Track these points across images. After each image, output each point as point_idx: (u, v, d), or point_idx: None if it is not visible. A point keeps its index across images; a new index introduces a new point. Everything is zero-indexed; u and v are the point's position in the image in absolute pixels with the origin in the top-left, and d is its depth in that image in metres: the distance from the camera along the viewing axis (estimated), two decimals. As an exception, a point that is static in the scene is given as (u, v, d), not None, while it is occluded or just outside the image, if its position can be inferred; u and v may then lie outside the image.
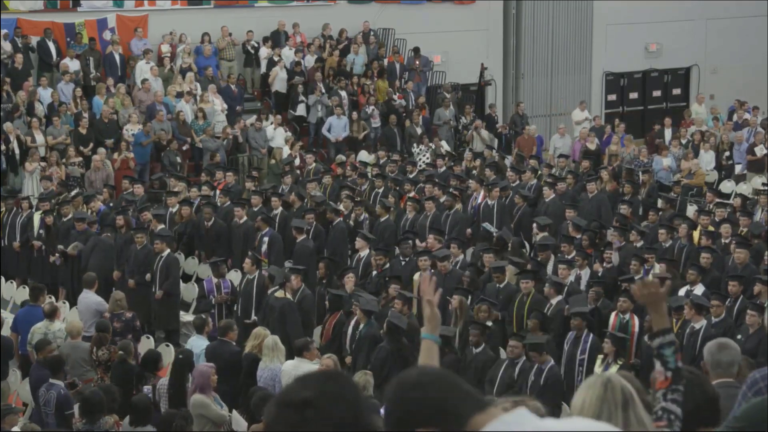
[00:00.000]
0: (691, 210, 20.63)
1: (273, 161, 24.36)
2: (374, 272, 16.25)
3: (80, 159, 22.45)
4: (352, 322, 13.95)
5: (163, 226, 17.94)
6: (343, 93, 26.31)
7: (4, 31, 24.16)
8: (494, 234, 18.58)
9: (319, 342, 14.19)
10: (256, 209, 18.78)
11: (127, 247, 17.19)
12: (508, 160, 24.58)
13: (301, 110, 26.11)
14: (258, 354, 12.59)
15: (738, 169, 24.68)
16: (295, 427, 2.64)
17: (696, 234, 17.51)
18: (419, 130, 26.03)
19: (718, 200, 20.21)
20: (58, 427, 11.16)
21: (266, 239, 17.47)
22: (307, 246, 17.31)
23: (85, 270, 16.59)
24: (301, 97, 26.03)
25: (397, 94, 27.07)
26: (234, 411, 11.17)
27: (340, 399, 2.68)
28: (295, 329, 14.02)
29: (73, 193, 20.20)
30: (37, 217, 18.79)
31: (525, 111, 28.57)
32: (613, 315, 13.84)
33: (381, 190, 20.56)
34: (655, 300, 3.86)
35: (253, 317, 15.06)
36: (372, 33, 28.25)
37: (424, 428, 2.71)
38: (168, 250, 16.59)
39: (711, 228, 17.58)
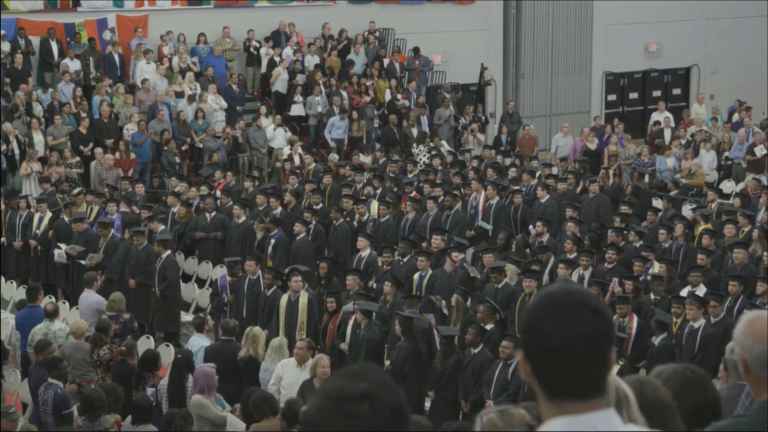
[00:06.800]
0: (687, 209, 20.64)
1: (279, 164, 24.38)
2: (383, 270, 16.25)
3: (77, 159, 22.45)
4: (351, 322, 13.97)
5: (163, 227, 17.94)
6: (344, 93, 26.31)
7: (3, 32, 24.16)
8: (490, 231, 18.63)
9: (323, 343, 14.19)
10: (261, 209, 18.82)
11: (124, 247, 17.22)
12: (507, 161, 24.60)
13: (296, 110, 26.07)
14: (255, 355, 12.58)
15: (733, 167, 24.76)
16: (349, 421, 2.55)
17: (698, 229, 17.51)
18: (415, 131, 26.04)
19: (719, 200, 20.24)
20: (56, 427, 11.16)
21: (273, 240, 17.47)
22: (306, 246, 17.33)
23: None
24: (297, 97, 26.01)
25: (401, 94, 27.10)
26: (228, 413, 11.11)
27: (390, 389, 2.61)
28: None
29: (75, 191, 20.23)
30: (36, 218, 18.80)
31: (514, 110, 28.61)
32: (613, 318, 13.83)
33: (379, 191, 20.54)
34: None
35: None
36: (370, 33, 28.24)
37: None
38: (168, 252, 16.59)
39: (710, 226, 17.60)
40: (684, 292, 14.49)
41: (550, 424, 2.73)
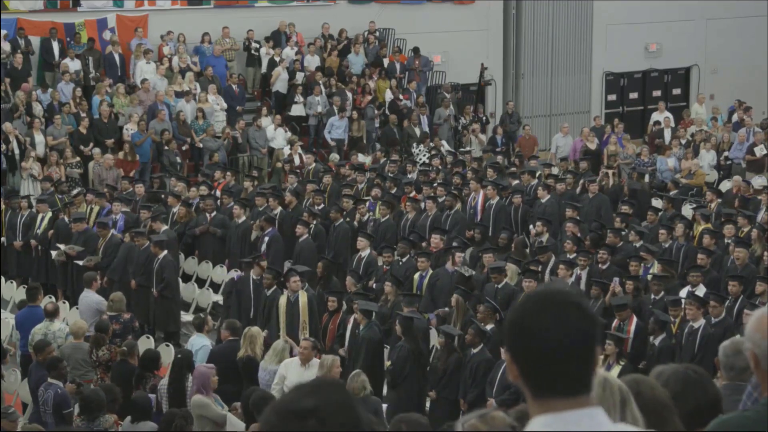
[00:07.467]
0: (687, 209, 20.64)
1: (279, 164, 24.38)
2: (383, 270, 16.25)
3: (77, 160, 22.44)
4: (351, 321, 13.96)
5: (166, 227, 17.91)
6: (349, 93, 26.31)
7: (3, 32, 24.16)
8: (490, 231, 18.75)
9: (323, 343, 14.17)
10: (261, 209, 18.82)
11: (125, 248, 17.20)
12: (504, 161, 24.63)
13: (296, 110, 26.06)
14: (253, 355, 12.57)
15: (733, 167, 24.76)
16: None
17: (698, 229, 17.51)
18: (417, 131, 26.04)
19: (718, 200, 20.23)
20: (56, 427, 11.16)
21: (266, 239, 17.48)
22: (309, 246, 17.32)
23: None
24: (297, 97, 25.99)
25: (403, 94, 27.10)
26: (228, 413, 11.10)
27: (342, 408, 2.59)
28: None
29: (75, 191, 20.23)
30: (38, 218, 18.80)
31: (514, 110, 28.62)
32: (615, 320, 13.81)
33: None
34: None
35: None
36: (370, 33, 28.23)
37: None
38: (165, 252, 16.53)
39: (710, 226, 17.62)
40: (684, 292, 14.49)
41: (533, 422, 2.73)
